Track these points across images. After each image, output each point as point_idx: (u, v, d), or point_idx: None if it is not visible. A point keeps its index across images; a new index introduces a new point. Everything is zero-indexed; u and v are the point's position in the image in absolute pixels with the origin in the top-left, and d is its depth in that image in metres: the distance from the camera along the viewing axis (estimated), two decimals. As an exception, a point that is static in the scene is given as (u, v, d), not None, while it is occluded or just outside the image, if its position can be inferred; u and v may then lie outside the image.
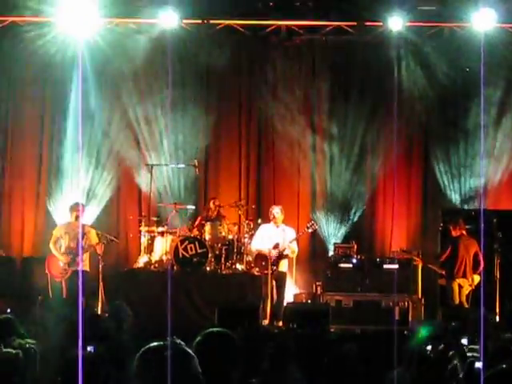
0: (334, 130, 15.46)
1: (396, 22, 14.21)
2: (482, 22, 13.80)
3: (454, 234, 13.31)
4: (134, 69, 15.08)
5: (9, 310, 11.17)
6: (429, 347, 6.98)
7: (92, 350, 5.96)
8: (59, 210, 14.97)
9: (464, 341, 8.71)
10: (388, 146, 15.24)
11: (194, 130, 15.30)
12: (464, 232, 13.30)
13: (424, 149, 15.60)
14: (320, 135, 15.53)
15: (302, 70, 15.59)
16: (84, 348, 5.81)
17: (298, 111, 15.55)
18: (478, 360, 6.48)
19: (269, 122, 15.51)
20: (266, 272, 13.19)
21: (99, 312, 12.25)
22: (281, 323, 12.62)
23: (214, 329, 4.29)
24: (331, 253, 14.56)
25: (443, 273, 13.42)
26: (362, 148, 15.51)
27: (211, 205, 14.09)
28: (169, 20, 14.35)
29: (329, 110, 15.50)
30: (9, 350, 5.59)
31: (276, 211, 13.58)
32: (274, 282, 13.24)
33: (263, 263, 13.30)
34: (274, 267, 13.22)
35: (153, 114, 15.32)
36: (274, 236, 13.41)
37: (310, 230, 13.74)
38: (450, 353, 6.82)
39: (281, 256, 13.34)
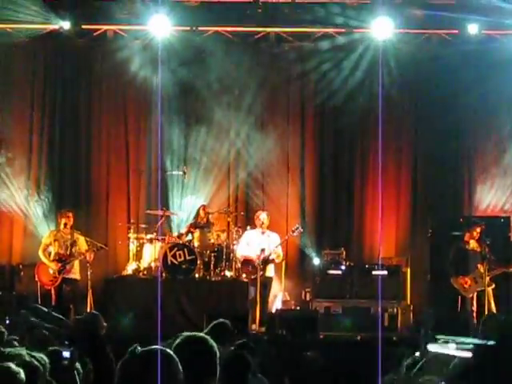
0: (322, 134, 15.52)
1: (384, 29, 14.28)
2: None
3: None
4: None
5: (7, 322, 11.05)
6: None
7: (68, 356, 5.92)
8: (48, 218, 14.95)
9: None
10: (377, 152, 15.23)
11: (183, 136, 15.30)
12: None
13: (413, 157, 15.62)
14: (309, 141, 15.55)
15: (291, 76, 15.59)
16: (60, 353, 5.78)
17: (288, 117, 15.58)
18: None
19: (258, 127, 15.48)
20: (253, 277, 13.23)
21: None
22: (264, 329, 12.64)
23: (192, 333, 4.28)
24: (317, 261, 14.49)
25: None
26: (352, 153, 15.55)
27: (201, 212, 14.09)
28: (160, 27, 14.37)
29: (318, 116, 15.54)
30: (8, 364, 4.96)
31: (263, 216, 13.66)
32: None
33: (250, 268, 13.35)
34: (261, 272, 13.26)
35: (144, 121, 15.35)
36: (259, 242, 13.49)
37: (295, 234, 13.80)
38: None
39: (267, 261, 13.39)
